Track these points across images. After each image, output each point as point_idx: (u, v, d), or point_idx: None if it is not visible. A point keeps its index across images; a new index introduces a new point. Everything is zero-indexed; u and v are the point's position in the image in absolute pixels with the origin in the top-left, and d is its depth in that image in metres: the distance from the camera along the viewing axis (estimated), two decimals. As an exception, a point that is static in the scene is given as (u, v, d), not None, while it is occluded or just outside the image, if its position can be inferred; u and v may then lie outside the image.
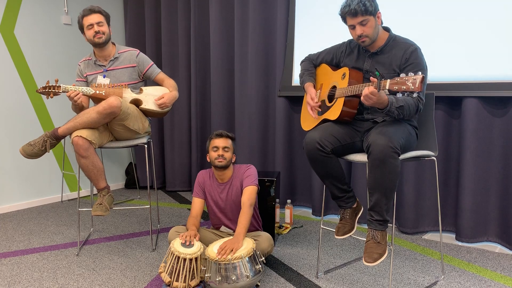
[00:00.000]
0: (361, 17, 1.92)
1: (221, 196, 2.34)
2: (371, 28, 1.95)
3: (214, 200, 2.35)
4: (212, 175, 2.38)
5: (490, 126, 2.57)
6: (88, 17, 2.53)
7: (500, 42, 2.44)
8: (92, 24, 2.52)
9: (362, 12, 1.90)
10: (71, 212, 3.48)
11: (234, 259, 1.95)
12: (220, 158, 2.25)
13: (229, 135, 2.31)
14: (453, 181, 2.77)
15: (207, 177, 2.39)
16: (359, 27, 1.94)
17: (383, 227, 1.92)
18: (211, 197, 2.36)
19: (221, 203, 2.34)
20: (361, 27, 1.94)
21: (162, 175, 4.29)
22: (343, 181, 2.09)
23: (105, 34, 2.55)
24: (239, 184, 2.31)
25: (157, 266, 2.36)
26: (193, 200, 2.36)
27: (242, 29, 3.51)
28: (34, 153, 2.33)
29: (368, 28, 1.94)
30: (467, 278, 2.19)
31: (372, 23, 1.94)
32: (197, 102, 3.90)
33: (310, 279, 2.19)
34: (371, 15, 1.93)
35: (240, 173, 2.33)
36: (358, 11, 1.90)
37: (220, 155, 2.25)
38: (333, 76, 2.16)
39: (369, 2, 1.91)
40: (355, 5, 1.90)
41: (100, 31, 2.53)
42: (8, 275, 2.27)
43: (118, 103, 2.34)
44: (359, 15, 1.91)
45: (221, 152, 2.25)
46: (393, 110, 1.84)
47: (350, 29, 2.00)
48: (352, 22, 1.95)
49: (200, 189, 2.37)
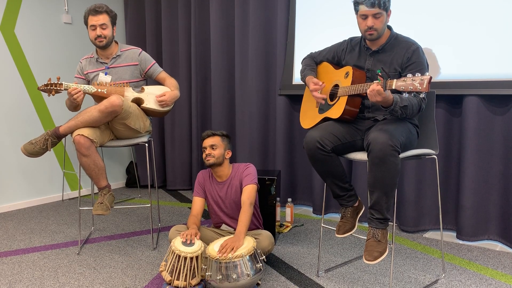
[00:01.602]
0: (377, 9, 1.92)
1: (220, 195, 2.34)
2: (382, 24, 1.96)
3: (214, 199, 2.35)
4: (211, 175, 2.39)
5: (491, 125, 2.57)
6: (93, 17, 2.51)
7: (501, 40, 2.44)
8: (95, 25, 2.51)
9: (380, 5, 1.91)
10: (72, 211, 3.48)
11: (235, 257, 1.95)
12: (208, 157, 2.29)
13: (216, 132, 2.34)
14: (454, 180, 2.77)
15: (207, 177, 2.40)
16: (371, 18, 1.94)
17: (384, 226, 1.92)
18: (211, 196, 2.36)
19: (221, 202, 2.34)
20: (373, 19, 1.94)
21: (162, 174, 4.30)
22: (344, 180, 2.08)
23: (106, 38, 2.55)
24: (239, 183, 2.31)
25: (158, 265, 2.37)
26: (193, 199, 2.37)
27: (242, 27, 3.50)
28: (35, 151, 2.34)
29: (380, 23, 1.95)
30: (468, 276, 2.19)
31: (383, 18, 1.95)
32: (198, 101, 3.90)
33: (311, 277, 2.19)
34: (385, 11, 1.94)
35: (239, 172, 2.33)
36: (376, 3, 1.91)
37: (208, 154, 2.29)
38: (335, 74, 2.16)
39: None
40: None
41: (102, 34, 2.52)
42: (9, 274, 2.27)
43: (120, 102, 2.34)
44: (376, 7, 1.91)
45: (208, 151, 2.29)
46: (397, 109, 1.84)
47: (360, 18, 1.99)
48: (366, 12, 1.94)
49: (201, 188, 2.38)
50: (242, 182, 2.29)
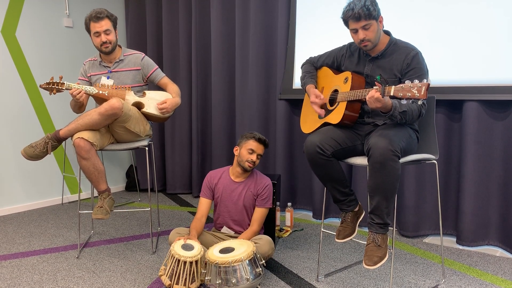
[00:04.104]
0: (364, 21, 1.91)
1: (232, 195, 2.37)
2: (374, 33, 1.95)
3: (224, 197, 2.38)
4: (226, 172, 2.43)
5: (491, 130, 2.57)
6: (96, 24, 2.50)
7: (501, 46, 2.44)
8: (99, 32, 2.51)
9: (366, 16, 1.90)
10: (72, 214, 3.48)
11: (234, 262, 1.95)
12: (251, 164, 2.32)
13: (268, 144, 2.38)
14: (454, 185, 2.77)
15: (218, 176, 2.43)
16: (361, 31, 1.94)
17: (384, 231, 1.91)
18: (221, 194, 2.39)
19: (230, 202, 2.37)
20: (364, 31, 1.94)
21: (162, 178, 4.29)
22: (344, 185, 2.08)
23: (111, 43, 2.56)
24: (253, 193, 2.37)
25: (157, 269, 2.36)
26: (200, 200, 2.39)
27: (243, 31, 3.51)
28: (35, 155, 2.34)
29: (371, 33, 1.94)
30: (468, 282, 2.18)
31: (374, 27, 1.94)
32: (198, 104, 3.90)
33: (311, 282, 2.19)
34: (374, 19, 1.92)
35: (258, 183, 2.39)
36: (362, 16, 1.89)
37: (253, 161, 2.33)
38: (335, 79, 2.16)
39: (372, 6, 1.90)
40: (358, 9, 1.89)
41: (107, 40, 2.53)
42: (8, 277, 2.26)
43: (120, 105, 2.34)
44: (362, 20, 1.91)
45: (255, 159, 2.33)
46: (396, 115, 1.84)
47: (352, 33, 1.99)
48: (355, 26, 1.94)
49: (208, 189, 2.41)
50: (257, 199, 2.36)
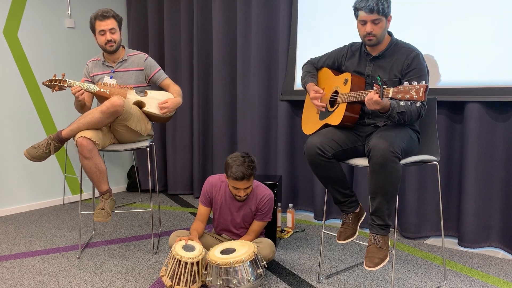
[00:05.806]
0: (376, 15, 1.92)
1: (231, 211, 2.33)
2: (381, 29, 1.95)
3: (223, 211, 2.34)
4: (225, 184, 2.32)
5: (493, 131, 2.57)
6: (102, 22, 2.52)
7: (503, 47, 2.44)
8: (104, 30, 2.53)
9: (379, 11, 1.91)
10: (73, 215, 3.48)
11: (235, 263, 1.95)
12: (240, 197, 2.22)
13: (253, 173, 2.16)
14: (456, 186, 2.77)
15: (217, 186, 2.34)
16: (370, 24, 1.94)
17: (385, 232, 1.91)
18: (219, 207, 2.34)
19: (229, 217, 2.33)
20: (372, 25, 1.94)
21: (164, 179, 4.30)
22: (345, 186, 2.08)
23: (116, 42, 2.57)
24: (253, 210, 2.31)
25: (158, 270, 2.36)
26: (199, 206, 2.37)
27: (244, 33, 3.52)
28: (38, 155, 2.34)
29: (379, 28, 1.95)
30: (469, 283, 2.18)
31: (383, 24, 1.95)
32: (200, 105, 3.90)
33: (312, 283, 2.19)
34: (385, 17, 1.94)
35: (259, 197, 2.29)
36: (375, 9, 1.90)
37: (241, 197, 2.21)
38: (335, 80, 2.16)
39: (387, 3, 1.93)
40: (373, 2, 1.90)
41: (112, 39, 2.55)
42: (9, 277, 2.27)
43: (121, 102, 2.35)
44: (374, 13, 1.91)
45: (243, 194, 2.21)
46: (394, 115, 1.84)
47: (359, 24, 1.99)
48: (365, 17, 1.94)
49: (207, 198, 2.35)
50: (257, 213, 2.30)
